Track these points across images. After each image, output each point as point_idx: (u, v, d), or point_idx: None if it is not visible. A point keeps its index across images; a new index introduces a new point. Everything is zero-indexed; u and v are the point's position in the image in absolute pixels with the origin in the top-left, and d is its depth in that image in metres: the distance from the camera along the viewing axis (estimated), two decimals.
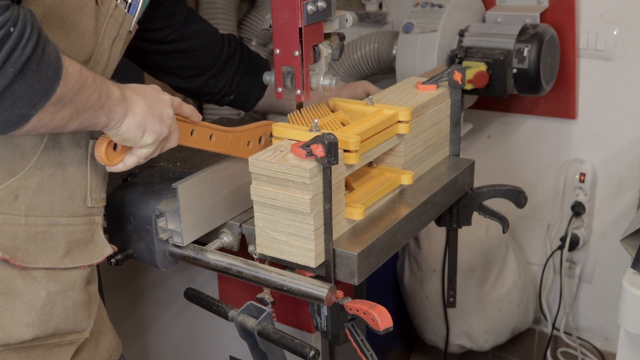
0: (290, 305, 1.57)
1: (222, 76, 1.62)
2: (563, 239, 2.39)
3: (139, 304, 1.89)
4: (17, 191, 1.05)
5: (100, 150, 1.09)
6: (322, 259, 1.20)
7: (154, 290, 1.87)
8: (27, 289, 1.07)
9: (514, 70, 2.01)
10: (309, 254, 1.19)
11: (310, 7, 1.29)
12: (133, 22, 1.16)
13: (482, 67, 1.98)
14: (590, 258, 2.42)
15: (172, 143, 1.16)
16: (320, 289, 1.18)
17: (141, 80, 1.94)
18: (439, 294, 2.36)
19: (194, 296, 1.37)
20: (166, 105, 1.12)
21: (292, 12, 1.29)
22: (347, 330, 1.24)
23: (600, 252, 2.40)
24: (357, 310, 1.19)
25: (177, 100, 1.17)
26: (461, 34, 2.10)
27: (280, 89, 1.38)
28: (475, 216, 1.60)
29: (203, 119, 1.26)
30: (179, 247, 1.30)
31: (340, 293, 1.21)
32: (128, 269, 1.67)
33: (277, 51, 1.34)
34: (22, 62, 0.85)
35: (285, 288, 1.21)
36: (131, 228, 1.31)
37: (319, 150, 1.12)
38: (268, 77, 1.42)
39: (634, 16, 2.11)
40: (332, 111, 1.41)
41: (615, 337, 2.33)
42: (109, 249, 1.20)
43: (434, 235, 2.30)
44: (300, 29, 1.30)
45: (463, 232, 1.78)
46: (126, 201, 1.32)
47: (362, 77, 2.34)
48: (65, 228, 1.11)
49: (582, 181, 2.32)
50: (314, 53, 1.35)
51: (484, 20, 2.19)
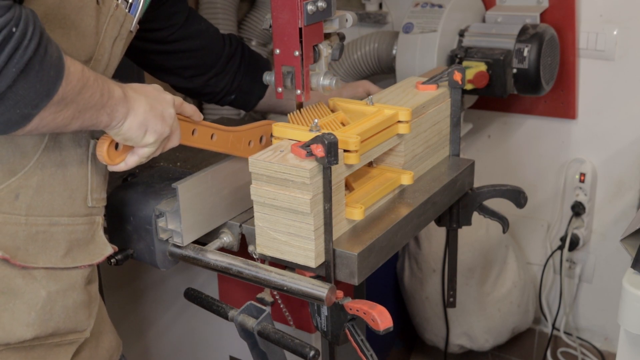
0: (290, 305, 1.57)
1: (223, 76, 1.62)
2: (563, 239, 2.39)
3: (139, 304, 1.89)
4: (17, 191, 1.05)
5: (102, 149, 1.09)
6: (322, 259, 1.20)
7: (154, 290, 1.87)
8: (28, 289, 1.07)
9: (514, 70, 2.01)
10: (309, 254, 1.19)
11: (310, 7, 1.29)
12: (134, 22, 1.16)
13: (482, 67, 1.98)
14: (590, 258, 2.42)
15: (174, 142, 1.16)
16: (320, 289, 1.18)
17: (141, 80, 1.94)
18: (439, 294, 2.36)
19: (194, 296, 1.37)
20: (168, 104, 1.12)
21: (292, 12, 1.29)
22: (347, 330, 1.24)
23: (600, 252, 2.40)
24: (357, 310, 1.19)
25: (179, 99, 1.17)
26: (461, 34, 2.10)
27: (280, 89, 1.38)
28: (475, 216, 1.60)
29: (203, 119, 1.26)
30: (179, 247, 1.30)
31: (340, 293, 1.21)
32: (128, 269, 1.67)
33: (277, 51, 1.34)
34: (24, 62, 0.85)
35: (285, 288, 1.21)
36: (131, 228, 1.31)
37: (319, 150, 1.12)
38: (268, 77, 1.42)
39: (634, 16, 2.11)
40: (332, 111, 1.41)
41: (615, 337, 2.33)
42: (109, 249, 1.19)
43: (434, 235, 2.30)
44: (300, 29, 1.30)
45: (463, 232, 1.77)
46: (126, 201, 1.32)
47: (362, 77, 2.34)
48: (65, 228, 1.11)
49: (582, 181, 2.32)
50: (314, 53, 1.35)
51: (484, 20, 2.19)
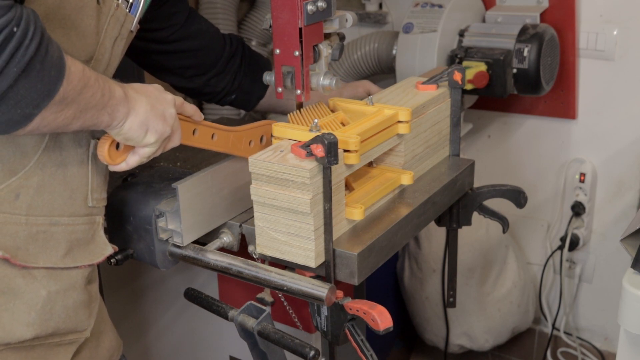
0: (290, 305, 1.57)
1: (224, 76, 1.62)
2: (563, 239, 2.39)
3: (139, 304, 1.89)
4: (17, 190, 1.05)
5: (103, 149, 1.09)
6: (322, 259, 1.20)
7: (154, 290, 1.87)
8: (28, 289, 1.07)
9: (514, 70, 2.01)
10: (309, 254, 1.19)
11: (310, 7, 1.29)
12: (134, 22, 1.16)
13: (482, 67, 1.98)
14: (590, 258, 2.42)
15: (175, 142, 1.16)
16: (320, 289, 1.18)
17: (141, 80, 1.94)
18: (439, 294, 2.36)
19: (194, 296, 1.37)
20: (169, 104, 1.12)
21: (292, 12, 1.29)
22: (347, 330, 1.24)
23: (600, 252, 2.40)
24: (357, 310, 1.19)
25: (179, 99, 1.17)
26: (461, 34, 2.10)
27: (280, 89, 1.38)
28: (475, 216, 1.60)
29: (204, 119, 1.26)
30: (179, 247, 1.30)
31: (340, 293, 1.21)
32: (128, 269, 1.67)
33: (277, 51, 1.34)
34: (25, 61, 0.85)
35: (285, 288, 1.21)
36: (131, 228, 1.31)
37: (319, 150, 1.12)
38: (268, 77, 1.42)
39: (634, 16, 2.11)
40: (332, 111, 1.41)
41: (615, 337, 2.33)
42: (109, 249, 1.19)
43: (434, 235, 2.30)
44: (300, 29, 1.30)
45: (463, 232, 1.77)
46: (126, 201, 1.32)
47: (362, 77, 2.34)
48: (66, 228, 1.11)
49: (582, 181, 2.32)
50: (314, 53, 1.35)
51: (484, 20, 2.19)
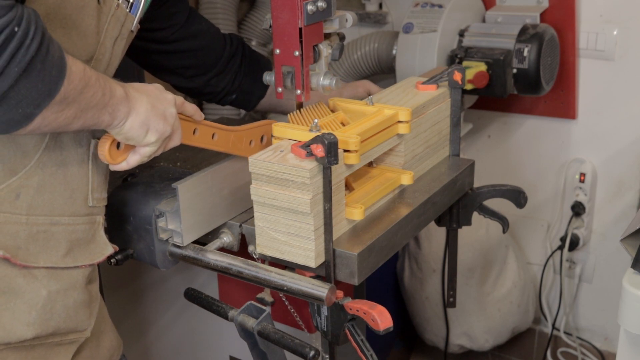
0: (290, 305, 1.57)
1: (224, 76, 1.62)
2: (563, 239, 2.39)
3: (139, 304, 1.89)
4: (18, 190, 1.05)
5: (104, 149, 1.09)
6: (322, 259, 1.20)
7: (154, 290, 1.87)
8: (28, 288, 1.07)
9: (514, 70, 2.01)
10: (309, 254, 1.19)
11: (310, 7, 1.29)
12: (135, 22, 1.16)
13: (482, 67, 1.98)
14: (590, 258, 2.42)
15: (175, 142, 1.16)
16: (320, 289, 1.18)
17: (142, 80, 1.94)
18: (439, 294, 2.36)
19: (194, 296, 1.37)
20: (169, 104, 1.12)
21: (292, 12, 1.29)
22: (347, 330, 1.24)
23: (600, 252, 2.40)
24: (357, 310, 1.19)
25: (180, 99, 1.17)
26: (461, 34, 2.10)
27: (280, 89, 1.38)
28: (475, 216, 1.60)
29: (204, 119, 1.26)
30: (179, 247, 1.30)
31: (340, 293, 1.21)
32: (128, 269, 1.67)
33: (277, 51, 1.34)
34: (26, 61, 0.85)
35: (285, 288, 1.21)
36: (131, 228, 1.31)
37: (319, 150, 1.12)
38: (268, 77, 1.42)
39: (634, 16, 2.11)
40: (332, 111, 1.41)
41: (615, 337, 2.33)
42: (110, 249, 1.20)
43: (434, 235, 2.30)
44: (300, 29, 1.30)
45: (463, 232, 1.77)
46: (126, 201, 1.32)
47: (362, 77, 2.34)
48: (66, 227, 1.11)
49: (582, 181, 2.32)
50: (314, 53, 1.35)
51: (484, 20, 2.19)
